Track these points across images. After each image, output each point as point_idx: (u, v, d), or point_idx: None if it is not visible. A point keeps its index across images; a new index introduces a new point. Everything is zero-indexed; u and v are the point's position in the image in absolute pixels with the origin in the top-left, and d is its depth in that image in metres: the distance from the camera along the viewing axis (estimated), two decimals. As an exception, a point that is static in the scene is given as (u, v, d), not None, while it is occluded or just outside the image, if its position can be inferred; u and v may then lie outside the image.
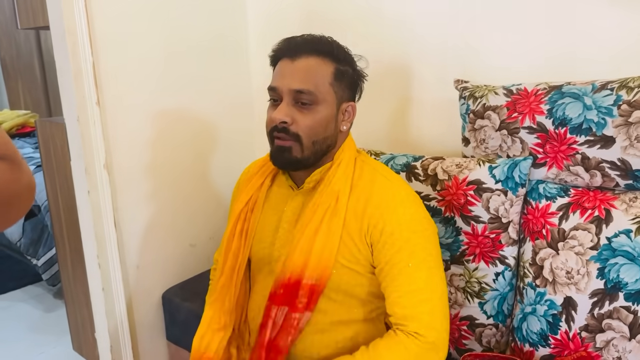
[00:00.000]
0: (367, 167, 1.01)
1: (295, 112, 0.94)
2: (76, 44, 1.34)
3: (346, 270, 0.96)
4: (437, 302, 0.92)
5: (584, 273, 1.02)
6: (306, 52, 0.94)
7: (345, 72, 0.97)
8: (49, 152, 1.68)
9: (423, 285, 0.92)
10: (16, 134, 3.23)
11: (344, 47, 1.00)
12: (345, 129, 1.00)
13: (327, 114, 0.95)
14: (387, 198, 0.94)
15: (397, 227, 0.92)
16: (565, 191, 1.10)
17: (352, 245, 0.96)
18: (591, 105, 1.04)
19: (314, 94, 0.93)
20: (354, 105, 1.00)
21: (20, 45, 4.04)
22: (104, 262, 1.50)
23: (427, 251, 0.94)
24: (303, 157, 0.95)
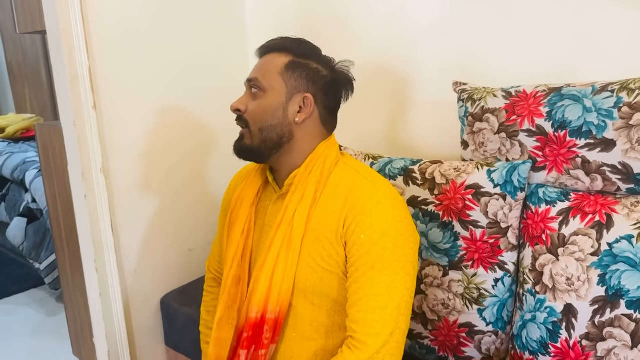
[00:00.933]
0: (348, 169, 0.99)
1: (251, 101, 0.99)
2: (72, 48, 1.34)
3: (327, 273, 0.95)
4: (393, 311, 0.89)
5: (584, 280, 0.99)
6: (269, 50, 1.01)
7: (301, 65, 0.98)
8: (47, 157, 1.68)
9: (382, 292, 0.89)
10: (21, 137, 3.24)
11: (311, 46, 1.02)
12: (299, 121, 0.98)
13: (274, 101, 0.97)
14: (364, 199, 0.93)
15: (368, 229, 0.91)
16: (566, 195, 1.08)
17: (330, 247, 0.94)
18: (591, 108, 1.02)
19: (260, 81, 0.97)
20: (311, 97, 0.97)
21: (26, 50, 4.07)
22: (102, 266, 1.49)
23: (396, 257, 0.90)
24: (253, 144, 0.98)
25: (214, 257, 1.25)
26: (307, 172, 0.98)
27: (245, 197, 1.08)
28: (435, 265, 1.17)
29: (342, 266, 0.95)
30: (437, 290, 1.17)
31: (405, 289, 0.91)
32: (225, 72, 1.73)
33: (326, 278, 0.95)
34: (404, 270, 0.91)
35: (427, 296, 1.19)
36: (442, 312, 1.17)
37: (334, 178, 0.99)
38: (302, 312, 0.97)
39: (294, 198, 0.97)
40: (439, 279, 1.17)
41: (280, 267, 0.96)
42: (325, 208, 0.96)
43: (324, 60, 1.01)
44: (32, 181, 2.43)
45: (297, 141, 0.99)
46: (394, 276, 0.90)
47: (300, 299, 0.97)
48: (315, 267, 0.95)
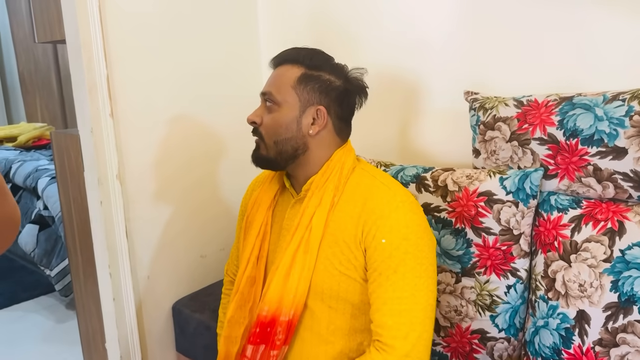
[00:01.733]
0: (366, 175, 1.01)
1: (266, 114, 1.01)
2: (91, 57, 1.37)
3: (344, 277, 0.96)
4: (419, 313, 0.90)
5: (597, 286, 1.00)
6: (281, 62, 1.03)
7: (314, 77, 0.99)
8: (63, 164, 1.70)
9: (407, 295, 0.90)
10: (32, 146, 3.29)
11: (323, 56, 1.03)
12: (312, 133, 0.99)
13: (287, 114, 0.99)
14: (382, 204, 0.94)
15: (389, 234, 0.92)
16: (577, 203, 1.09)
17: (349, 252, 0.95)
18: (602, 116, 1.03)
19: (274, 95, 0.99)
20: (324, 109, 0.99)
21: (38, 60, 4.13)
22: (115, 272, 1.51)
23: (417, 260, 0.91)
24: (269, 155, 1.01)
25: (232, 261, 1.27)
26: (325, 178, 1.00)
27: (262, 201, 1.09)
28: (447, 272, 1.19)
29: (360, 271, 0.96)
30: (450, 296, 1.18)
31: (429, 291, 0.92)
32: (237, 80, 1.76)
33: (343, 282, 0.96)
34: (426, 273, 0.92)
35: (439, 302, 1.20)
36: (455, 318, 1.18)
37: (351, 183, 1.00)
38: (319, 315, 0.98)
39: (312, 202, 0.99)
40: (451, 286, 1.18)
41: (297, 269, 0.97)
42: (344, 212, 0.97)
43: (337, 69, 1.02)
44: (44, 188, 2.46)
45: (312, 151, 1.01)
46: (417, 279, 0.91)
47: (317, 302, 0.98)
48: (333, 271, 0.96)
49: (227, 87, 1.72)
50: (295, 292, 0.97)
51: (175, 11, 1.55)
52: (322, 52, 1.04)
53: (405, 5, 1.48)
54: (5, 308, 2.55)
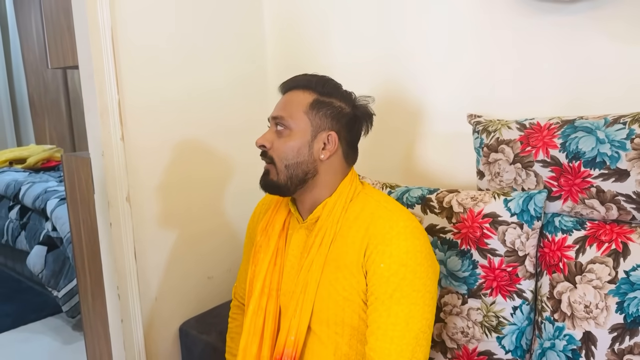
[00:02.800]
0: (369, 200, 1.02)
1: (276, 138, 1.02)
2: (103, 83, 1.41)
3: (348, 302, 0.97)
4: (411, 340, 0.90)
5: (602, 307, 1.00)
6: (292, 88, 1.05)
7: (326, 103, 1.01)
8: (73, 186, 1.73)
9: (400, 321, 0.91)
10: (41, 167, 3.33)
11: (333, 84, 1.05)
12: (324, 158, 1.01)
13: (300, 140, 1.00)
14: (385, 229, 0.95)
15: (388, 259, 0.93)
16: (581, 224, 1.10)
17: (351, 277, 0.97)
18: (604, 139, 1.05)
19: (286, 119, 1.01)
20: (335, 135, 1.01)
21: (48, 84, 4.21)
22: (124, 293, 1.52)
23: (414, 287, 0.92)
24: (279, 180, 1.01)
25: (239, 284, 1.27)
26: (330, 207, 1.02)
27: (272, 228, 1.10)
28: (454, 293, 1.19)
29: (362, 294, 0.97)
30: (456, 318, 1.19)
31: (423, 319, 0.92)
32: (245, 107, 1.79)
33: (348, 307, 0.97)
34: (422, 300, 0.92)
35: (446, 324, 1.21)
36: (461, 340, 1.19)
37: (355, 209, 1.01)
38: (326, 341, 0.99)
39: (317, 241, 1.00)
40: (458, 307, 1.19)
41: (297, 313, 1.00)
42: (346, 239, 0.99)
43: (346, 96, 1.05)
44: (53, 210, 2.49)
45: (320, 176, 1.03)
46: (412, 306, 0.91)
47: (323, 328, 1.00)
48: (337, 297, 0.98)
49: (234, 113, 1.76)
50: (295, 332, 0.99)
51: (186, 42, 1.60)
52: (332, 79, 1.06)
53: (410, 29, 1.51)
54: (13, 329, 2.55)
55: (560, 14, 1.22)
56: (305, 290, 1.00)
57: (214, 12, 1.67)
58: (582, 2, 1.18)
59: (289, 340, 1.00)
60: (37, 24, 4.18)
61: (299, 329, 0.99)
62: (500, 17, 1.33)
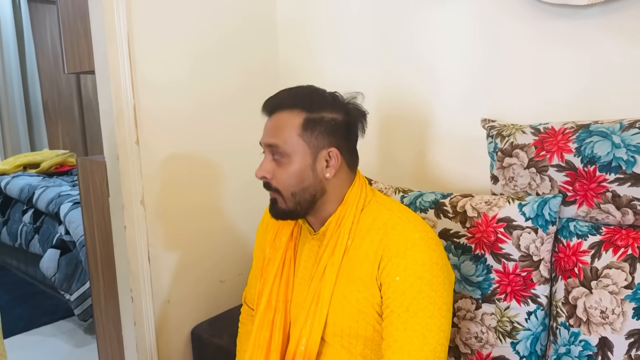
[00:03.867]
0: (382, 209, 1.00)
1: (275, 166, 0.98)
2: (119, 88, 1.43)
3: (362, 315, 0.96)
4: (429, 354, 0.89)
5: (619, 313, 1.00)
6: (278, 108, 0.99)
7: (317, 120, 0.96)
8: (88, 189, 1.75)
9: (417, 334, 0.90)
10: (55, 172, 3.37)
11: (320, 94, 0.99)
12: (330, 176, 0.98)
13: (301, 165, 0.96)
14: (400, 241, 0.93)
15: (404, 271, 0.91)
16: (597, 229, 1.10)
17: (365, 289, 0.96)
18: (620, 144, 1.05)
19: (282, 147, 0.96)
20: (336, 150, 0.97)
21: (61, 89, 4.27)
22: (137, 296, 1.53)
23: (431, 299, 0.91)
24: (288, 208, 0.99)
25: (249, 289, 1.27)
26: (339, 218, 1.00)
27: (279, 240, 1.09)
28: (468, 298, 1.19)
29: (376, 307, 0.96)
30: (470, 323, 1.18)
31: (440, 331, 0.91)
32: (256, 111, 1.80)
33: (362, 319, 0.97)
34: (439, 312, 0.92)
35: (460, 329, 1.20)
36: (475, 345, 1.18)
37: (367, 219, 0.99)
38: (340, 352, 0.99)
39: (327, 251, 0.99)
40: (472, 312, 1.18)
41: (309, 323, 0.99)
42: (359, 250, 0.98)
43: (335, 104, 0.99)
44: (66, 214, 2.51)
45: (329, 194, 1.00)
46: (429, 319, 0.91)
47: (337, 339, 0.99)
48: (351, 309, 0.97)
49: (241, 119, 1.76)
50: (307, 343, 0.98)
51: (200, 47, 1.62)
52: (316, 90, 1.00)
53: (423, 32, 1.52)
54: (25, 332, 2.57)
55: (574, 18, 1.22)
56: (318, 300, 0.98)
57: (229, 20, 1.69)
58: (596, 6, 1.18)
59: (299, 351, 0.99)
60: (52, 32, 4.24)
61: (310, 339, 0.98)
62: (514, 21, 1.33)
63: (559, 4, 1.22)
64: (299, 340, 0.99)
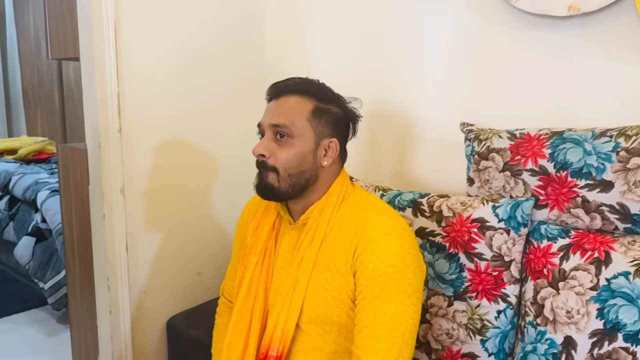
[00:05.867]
0: (359, 201, 1.05)
1: (275, 146, 1.01)
2: (104, 75, 1.43)
3: (337, 302, 1.00)
4: (397, 339, 0.93)
5: (583, 313, 1.04)
6: (287, 92, 1.03)
7: (325, 110, 1.02)
8: (67, 177, 1.73)
9: (387, 320, 0.93)
10: (33, 159, 3.31)
11: (329, 89, 1.05)
12: (326, 165, 1.03)
13: (304, 148, 1.00)
14: (374, 231, 0.97)
15: (376, 259, 0.95)
16: (566, 232, 1.14)
17: (340, 277, 0.99)
18: (591, 151, 1.09)
19: (289, 127, 0.99)
20: (336, 141, 1.03)
21: (42, 76, 4.19)
22: (114, 285, 1.53)
23: (401, 287, 0.94)
24: (280, 187, 1.01)
25: (227, 282, 1.28)
26: (321, 208, 1.03)
27: (262, 229, 1.11)
28: (440, 295, 1.22)
29: (350, 294, 0.99)
30: (442, 319, 1.22)
31: (409, 318, 0.95)
32: (241, 105, 1.81)
33: (337, 307, 1.00)
34: (408, 300, 0.95)
35: (431, 325, 1.23)
36: (446, 341, 1.21)
37: (345, 210, 1.04)
38: (314, 338, 1.02)
39: (307, 239, 1.02)
40: (444, 309, 1.21)
41: (285, 309, 1.01)
42: (336, 240, 1.01)
43: (339, 101, 1.06)
44: (43, 201, 2.48)
45: (319, 182, 1.04)
46: (398, 306, 0.94)
47: (312, 326, 1.02)
48: (327, 297, 1.00)
49: (231, 110, 1.77)
50: (283, 327, 1.01)
51: (187, 38, 1.62)
52: (326, 85, 1.06)
53: (406, 38, 1.55)
54: (-4, 320, 2.54)
55: (553, 29, 1.26)
56: (295, 286, 1.01)
57: (217, 13, 1.69)
58: (575, 18, 1.23)
59: (275, 335, 1.01)
60: (34, 17, 4.17)
61: (286, 324, 1.01)
62: (494, 29, 1.37)
63: (539, 14, 1.26)
64: (275, 326, 1.02)
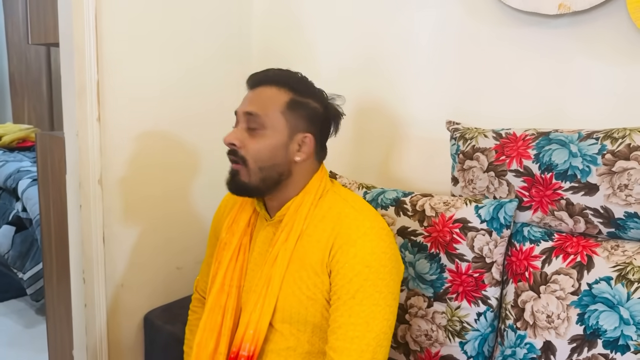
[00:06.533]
0: (337, 199, 1.02)
1: (247, 136, 0.97)
2: (83, 61, 1.39)
3: (311, 302, 0.97)
4: (371, 341, 0.90)
5: (564, 318, 1.02)
6: (265, 83, 1.00)
7: (302, 104, 0.98)
8: (45, 165, 1.69)
9: (361, 322, 0.90)
10: (17, 147, 3.25)
11: (310, 83, 1.02)
12: (299, 160, 0.99)
13: (276, 140, 0.96)
14: (350, 229, 0.94)
15: (352, 259, 0.92)
16: (549, 235, 1.12)
17: (315, 276, 0.96)
18: (577, 153, 1.07)
19: (262, 117, 0.96)
20: (311, 137, 0.99)
21: (30, 62, 4.12)
22: (89, 277, 1.50)
23: (377, 288, 0.92)
24: (251, 182, 0.97)
25: (202, 277, 1.26)
26: (297, 205, 1.00)
27: (237, 225, 1.08)
28: (420, 296, 1.20)
29: (325, 294, 0.97)
30: (421, 320, 1.19)
31: (384, 319, 0.92)
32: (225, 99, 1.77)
33: (311, 307, 0.97)
34: (384, 301, 0.93)
35: (410, 326, 1.21)
36: (425, 342, 1.19)
37: (322, 207, 1.01)
38: (288, 338, 0.99)
39: (282, 236, 0.99)
40: (423, 310, 1.19)
41: (258, 307, 0.98)
42: (312, 237, 0.98)
43: (319, 96, 1.03)
44: (24, 190, 2.43)
45: (293, 177, 1.01)
46: (373, 307, 0.91)
47: (285, 326, 0.99)
48: (300, 296, 0.97)
49: (214, 103, 1.73)
50: (255, 327, 0.98)
51: (170, 28, 1.58)
52: (305, 77, 1.03)
53: (393, 34, 1.52)
54: (-27, 310, 2.49)
55: (542, 27, 1.24)
56: (269, 284, 0.98)
57: (202, 1, 1.66)
58: (564, 17, 1.20)
59: (247, 334, 0.98)
60: (23, 3, 4.09)
61: (259, 323, 0.98)
62: (482, 26, 1.34)
63: (529, 12, 1.24)
64: (247, 325, 0.99)
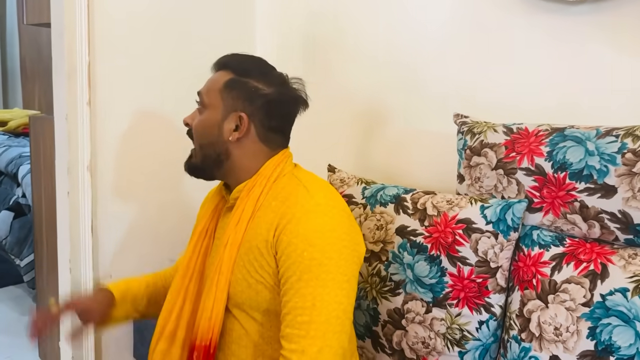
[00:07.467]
0: (293, 179, 0.98)
1: (197, 115, 1.02)
2: (73, 42, 1.34)
3: (261, 286, 0.92)
4: (320, 326, 0.84)
5: (573, 331, 0.93)
6: (217, 66, 1.04)
7: (241, 83, 0.98)
8: (38, 149, 1.65)
9: (308, 305, 0.85)
10: (22, 132, 3.23)
11: (256, 64, 1.02)
12: (233, 140, 0.97)
13: (211, 118, 0.99)
14: (296, 208, 0.91)
15: (296, 238, 0.87)
16: (561, 240, 1.03)
17: (262, 258, 0.92)
18: (594, 151, 0.98)
19: (204, 97, 1.00)
20: (246, 117, 0.97)
21: (41, 47, 4.09)
22: (76, 267, 1.45)
23: (323, 267, 0.86)
24: (196, 161, 1.01)
25: None
26: (249, 188, 0.97)
27: (204, 213, 1.09)
28: (418, 300, 1.12)
29: (273, 277, 0.92)
30: (418, 327, 1.11)
31: (335, 303, 0.86)
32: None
33: (261, 291, 0.93)
34: (333, 283, 0.86)
35: (407, 332, 1.13)
36: (422, 350, 1.11)
37: (276, 189, 0.97)
38: (246, 326, 0.96)
39: (233, 220, 0.97)
40: (420, 315, 1.11)
41: (212, 293, 0.95)
42: (261, 219, 0.95)
43: (270, 78, 1.00)
44: (24, 176, 2.40)
45: (235, 159, 0.99)
46: (321, 289, 0.86)
47: (242, 313, 0.96)
48: (250, 280, 0.93)
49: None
50: (210, 314, 0.94)
51: (168, 8, 1.52)
52: (258, 60, 1.03)
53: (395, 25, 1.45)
54: (-29, 295, 2.48)
55: (561, 14, 1.15)
56: (220, 269, 0.95)
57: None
58: (585, 4, 1.11)
59: (203, 322, 0.95)
60: (36, -13, 4.08)
61: (214, 309, 0.94)
62: (496, 13, 1.27)
63: (547, -1, 1.15)
64: (203, 310, 0.96)
